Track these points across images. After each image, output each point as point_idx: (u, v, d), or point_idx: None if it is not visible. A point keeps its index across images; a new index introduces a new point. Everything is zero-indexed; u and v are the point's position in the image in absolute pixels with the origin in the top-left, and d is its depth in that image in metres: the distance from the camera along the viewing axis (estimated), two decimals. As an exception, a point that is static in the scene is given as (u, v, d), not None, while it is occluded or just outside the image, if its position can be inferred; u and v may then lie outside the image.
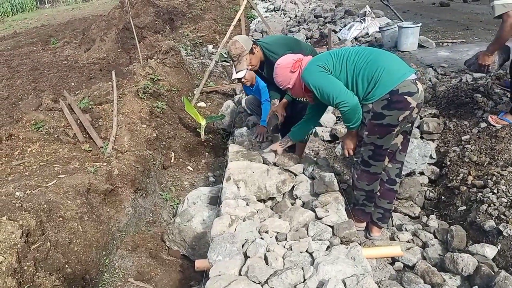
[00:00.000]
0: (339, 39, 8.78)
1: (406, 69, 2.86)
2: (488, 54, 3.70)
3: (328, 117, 5.43)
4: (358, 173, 3.23)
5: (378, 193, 3.34)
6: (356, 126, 3.03)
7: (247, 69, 3.84)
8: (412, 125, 3.14)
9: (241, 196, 3.46)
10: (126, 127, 4.78)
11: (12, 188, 3.28)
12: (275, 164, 3.77)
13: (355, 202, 3.42)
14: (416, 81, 2.85)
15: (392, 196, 3.37)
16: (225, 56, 8.42)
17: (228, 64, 8.40)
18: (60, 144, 4.30)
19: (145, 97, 5.53)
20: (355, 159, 3.26)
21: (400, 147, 3.18)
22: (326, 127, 5.31)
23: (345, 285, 2.29)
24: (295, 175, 3.75)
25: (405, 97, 2.77)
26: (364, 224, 3.53)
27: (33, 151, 4.06)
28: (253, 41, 3.81)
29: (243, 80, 4.84)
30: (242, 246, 2.71)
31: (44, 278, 2.78)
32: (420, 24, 6.97)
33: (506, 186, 3.31)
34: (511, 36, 3.45)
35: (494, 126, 3.96)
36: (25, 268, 2.72)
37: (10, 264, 2.62)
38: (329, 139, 5.09)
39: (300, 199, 3.52)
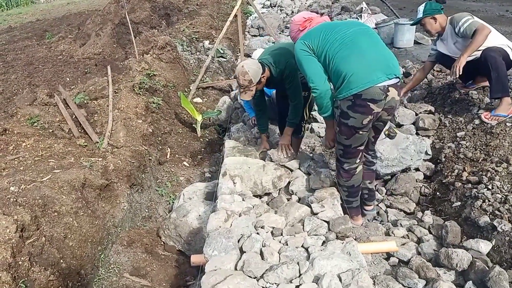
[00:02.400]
0: (336, 35, 8.78)
1: (381, 72, 2.74)
2: (464, 57, 3.97)
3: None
4: (336, 170, 3.29)
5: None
6: (327, 115, 3.09)
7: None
8: (385, 124, 3.18)
9: (237, 192, 3.46)
10: (121, 122, 4.76)
11: (7, 183, 3.27)
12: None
13: (342, 200, 3.39)
14: (389, 87, 2.78)
15: (371, 176, 3.54)
16: (221, 52, 8.39)
17: (225, 60, 8.37)
18: (55, 139, 4.28)
19: (141, 93, 5.51)
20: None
21: (372, 140, 3.30)
22: (322, 123, 5.31)
23: (340, 280, 2.30)
24: (291, 170, 3.75)
25: (368, 103, 2.76)
26: (360, 221, 3.51)
27: (28, 146, 4.04)
28: (261, 63, 3.62)
29: None
30: (238, 241, 2.72)
31: (39, 273, 2.77)
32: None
33: (500, 182, 3.32)
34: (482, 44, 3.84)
35: (489, 123, 3.97)
36: (20, 263, 2.71)
37: (5, 259, 2.62)
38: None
39: (296, 194, 3.53)
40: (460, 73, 3.93)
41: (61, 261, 2.98)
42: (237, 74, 3.55)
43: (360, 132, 2.93)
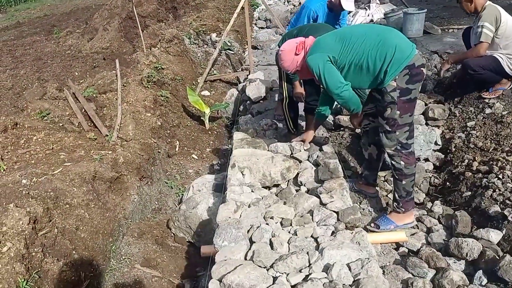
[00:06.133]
0: (343, 26, 8.70)
1: (412, 45, 2.98)
2: (448, 62, 4.53)
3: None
4: (404, 159, 3.11)
5: (375, 157, 3.53)
6: (356, 111, 3.24)
7: None
8: None
9: (246, 183, 3.48)
10: (130, 115, 4.79)
11: (19, 176, 3.31)
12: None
13: (404, 195, 3.22)
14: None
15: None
16: (229, 44, 8.37)
17: (232, 52, 8.36)
18: (65, 132, 4.31)
19: (149, 86, 5.53)
20: (391, 151, 3.14)
21: None
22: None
23: (350, 269, 2.32)
24: (300, 162, 3.76)
25: (421, 68, 2.94)
26: (413, 217, 3.34)
27: (39, 139, 4.08)
28: None
29: None
30: (248, 231, 2.74)
31: (52, 264, 2.82)
32: (426, 10, 6.90)
33: (511, 172, 3.30)
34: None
35: (490, 98, 4.27)
36: (33, 254, 2.76)
37: (18, 250, 2.66)
38: (333, 128, 5.07)
39: (304, 185, 3.54)
40: (445, 75, 4.66)
41: (74, 252, 3.02)
42: None
43: (417, 101, 3.11)
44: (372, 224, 3.30)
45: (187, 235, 3.87)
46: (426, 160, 4.15)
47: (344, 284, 2.23)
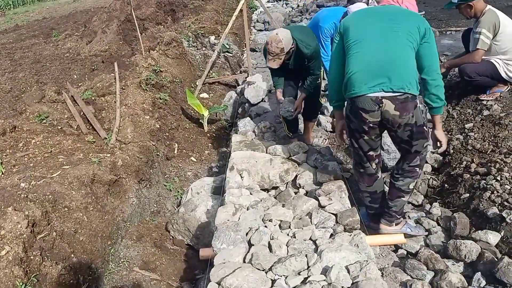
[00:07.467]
0: (342, 28, 8.73)
1: (378, 82, 2.57)
2: (443, 66, 4.43)
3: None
4: (358, 176, 3.17)
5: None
6: (332, 104, 3.15)
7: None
8: (409, 142, 2.76)
9: (245, 186, 3.48)
10: (129, 118, 4.79)
11: (17, 179, 3.32)
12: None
13: (365, 206, 3.30)
14: (383, 99, 2.57)
15: (392, 194, 3.09)
16: (227, 47, 8.38)
17: (230, 55, 8.37)
18: (63, 135, 4.32)
19: (147, 89, 5.54)
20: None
21: (401, 160, 3.00)
22: (330, 117, 5.30)
23: (348, 271, 2.32)
24: (298, 164, 3.76)
25: (360, 111, 2.67)
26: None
27: (37, 142, 4.08)
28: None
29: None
30: (246, 234, 2.74)
31: (51, 267, 2.82)
32: (423, 12, 6.93)
33: (509, 173, 3.30)
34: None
35: (488, 100, 4.23)
36: (32, 257, 2.76)
37: (17, 254, 2.66)
38: (331, 130, 5.08)
39: (303, 188, 3.54)
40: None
41: (72, 255, 3.02)
42: (270, 41, 3.59)
43: (366, 137, 2.80)
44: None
45: (186, 238, 3.87)
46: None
47: (342, 287, 2.23)
